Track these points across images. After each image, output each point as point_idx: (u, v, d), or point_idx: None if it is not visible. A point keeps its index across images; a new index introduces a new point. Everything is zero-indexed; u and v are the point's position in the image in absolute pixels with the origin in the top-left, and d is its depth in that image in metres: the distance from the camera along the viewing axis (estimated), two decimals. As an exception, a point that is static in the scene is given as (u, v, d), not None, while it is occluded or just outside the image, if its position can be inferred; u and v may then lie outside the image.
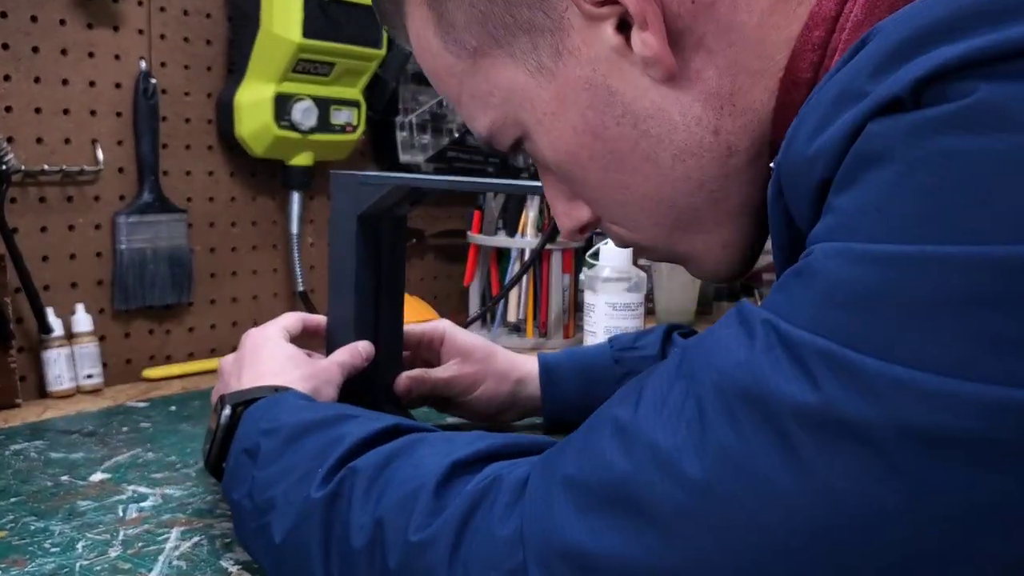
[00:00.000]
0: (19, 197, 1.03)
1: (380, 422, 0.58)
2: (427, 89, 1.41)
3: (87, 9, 1.06)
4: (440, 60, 0.57)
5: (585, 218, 0.60)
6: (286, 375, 0.72)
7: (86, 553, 0.64)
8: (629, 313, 1.13)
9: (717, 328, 0.43)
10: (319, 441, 0.57)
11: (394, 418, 0.59)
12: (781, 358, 0.38)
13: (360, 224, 0.81)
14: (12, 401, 1.00)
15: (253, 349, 0.77)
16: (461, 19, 0.54)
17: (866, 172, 0.38)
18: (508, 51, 0.53)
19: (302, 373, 0.74)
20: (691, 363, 0.42)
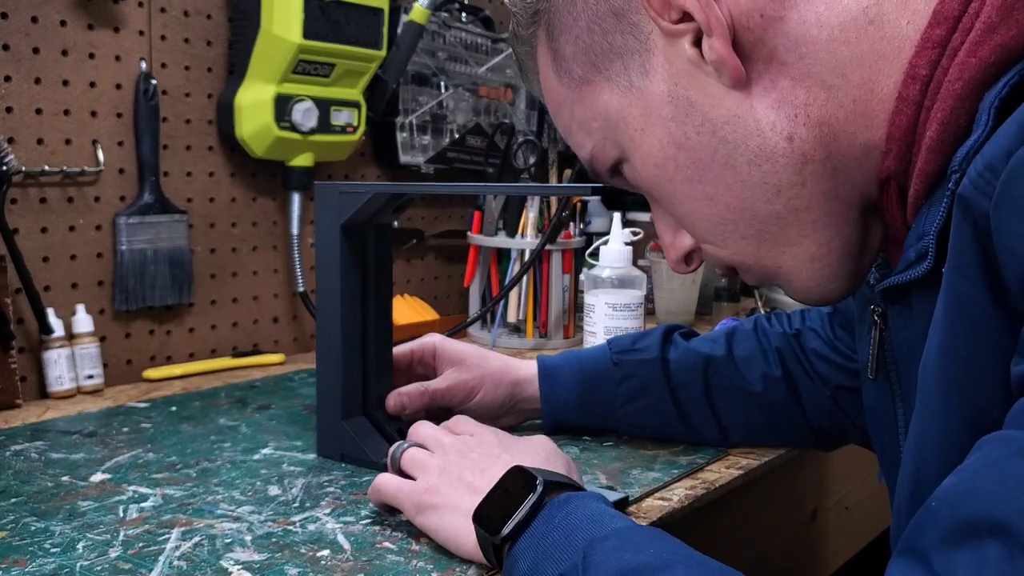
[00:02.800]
0: (20, 198, 1.03)
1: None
2: (427, 90, 1.41)
3: (87, 10, 1.07)
4: (556, 94, 0.63)
5: (688, 245, 0.63)
6: (557, 459, 0.68)
7: (86, 553, 0.64)
8: (629, 313, 1.13)
9: None
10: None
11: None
12: None
13: (344, 233, 0.82)
14: (13, 402, 1.00)
15: (496, 430, 0.72)
16: (570, 51, 0.60)
17: None
18: (605, 76, 0.59)
19: (560, 452, 0.70)
20: None
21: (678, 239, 0.64)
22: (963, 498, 0.39)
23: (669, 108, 0.57)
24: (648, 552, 0.52)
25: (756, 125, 0.54)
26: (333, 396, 0.85)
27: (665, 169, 0.58)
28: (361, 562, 0.64)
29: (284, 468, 0.83)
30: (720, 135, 0.55)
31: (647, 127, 0.58)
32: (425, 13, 1.29)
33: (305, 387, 1.11)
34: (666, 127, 0.57)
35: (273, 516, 0.72)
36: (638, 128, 0.59)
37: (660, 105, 0.57)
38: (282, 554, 0.65)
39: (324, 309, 0.85)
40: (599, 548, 0.53)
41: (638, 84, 0.58)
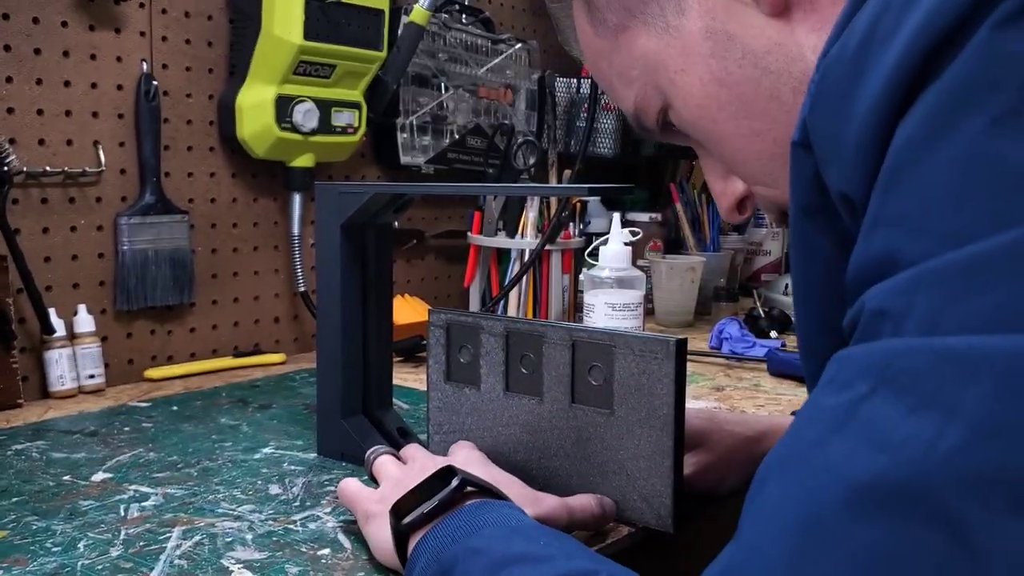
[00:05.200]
0: (21, 198, 1.03)
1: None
2: (427, 91, 1.41)
3: (89, 11, 1.07)
4: (593, 47, 0.62)
5: (739, 190, 0.61)
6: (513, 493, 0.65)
7: (88, 552, 0.65)
8: (629, 313, 1.13)
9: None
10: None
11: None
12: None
13: (344, 233, 0.82)
14: (14, 401, 1.00)
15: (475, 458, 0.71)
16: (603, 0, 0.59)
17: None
18: (641, 19, 0.57)
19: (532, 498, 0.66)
20: None
21: (729, 186, 0.61)
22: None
23: (708, 44, 0.54)
24: (538, 543, 0.52)
25: (799, 50, 0.51)
26: (333, 395, 0.85)
27: (709, 109, 0.56)
28: (362, 561, 0.64)
29: (285, 467, 0.83)
30: (762, 66, 0.53)
31: (687, 67, 0.56)
32: (425, 14, 1.30)
33: (306, 387, 1.11)
34: (706, 64, 0.55)
35: (274, 515, 0.72)
36: (678, 69, 0.56)
37: (698, 42, 0.55)
38: (283, 553, 0.65)
39: (324, 309, 0.85)
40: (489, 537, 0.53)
41: (674, 23, 0.55)
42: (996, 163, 0.33)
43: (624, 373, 0.69)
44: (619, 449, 0.70)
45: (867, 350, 0.36)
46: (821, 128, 0.41)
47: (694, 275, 1.53)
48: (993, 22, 0.33)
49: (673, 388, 0.67)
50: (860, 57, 0.39)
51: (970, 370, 0.32)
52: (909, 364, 0.34)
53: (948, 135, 0.34)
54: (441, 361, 0.80)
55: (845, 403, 0.35)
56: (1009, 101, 0.33)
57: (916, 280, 0.35)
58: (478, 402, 0.78)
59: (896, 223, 0.36)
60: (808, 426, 0.37)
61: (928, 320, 0.34)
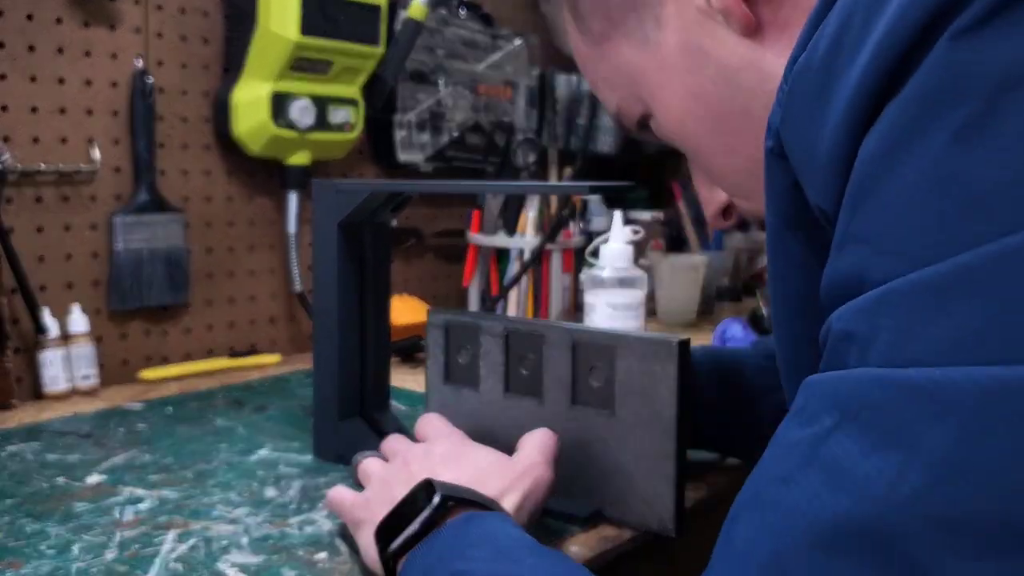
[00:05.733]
0: (15, 197, 1.02)
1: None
2: (426, 87, 1.40)
3: (83, 7, 1.06)
4: (580, 51, 0.63)
5: (723, 199, 0.62)
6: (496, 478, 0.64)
7: (82, 555, 0.64)
8: (630, 313, 1.12)
9: None
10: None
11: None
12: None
13: (341, 232, 0.81)
14: (8, 402, 0.99)
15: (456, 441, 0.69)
16: (587, 8, 0.60)
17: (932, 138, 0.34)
18: (622, 31, 0.58)
19: (511, 477, 0.64)
20: None
21: (714, 194, 0.63)
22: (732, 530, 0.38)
23: (683, 59, 0.56)
24: (524, 564, 0.51)
25: (771, 69, 0.52)
26: (330, 397, 0.84)
27: (686, 123, 0.57)
28: (358, 564, 0.63)
29: (281, 469, 0.82)
30: (735, 83, 0.54)
31: (665, 80, 0.57)
32: (424, 10, 1.28)
33: (302, 388, 1.10)
34: (682, 79, 0.56)
35: (270, 518, 0.71)
36: (657, 82, 0.58)
37: (675, 57, 0.56)
38: (279, 556, 0.64)
39: (321, 309, 0.84)
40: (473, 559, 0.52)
41: (653, 37, 0.57)
42: (957, 181, 0.32)
43: (626, 374, 0.68)
44: (620, 451, 0.70)
45: (833, 380, 0.35)
46: (794, 140, 0.41)
47: (696, 274, 1.52)
48: (952, 33, 0.33)
49: (676, 389, 0.66)
50: (826, 68, 0.38)
51: (931, 408, 0.31)
52: (872, 399, 0.33)
53: (910, 150, 0.34)
54: (440, 362, 0.79)
55: (810, 438, 0.35)
56: (968, 115, 0.32)
57: (880, 301, 0.34)
58: (477, 403, 0.77)
59: (862, 241, 0.35)
60: (775, 461, 0.37)
61: (891, 348, 0.33)
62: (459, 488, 0.59)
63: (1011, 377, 0.30)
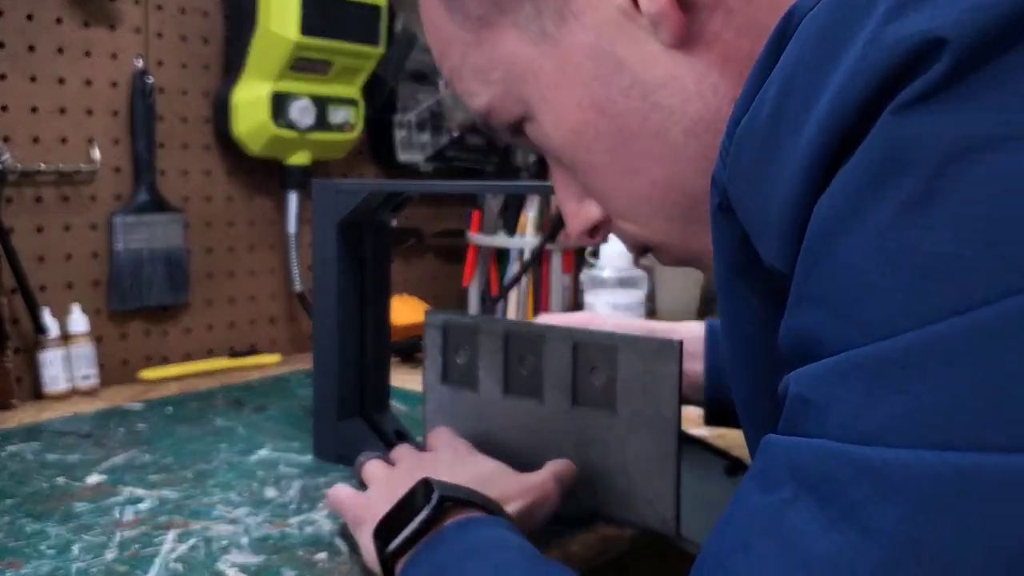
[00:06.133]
0: (15, 197, 1.02)
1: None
2: (426, 88, 1.40)
3: (83, 7, 1.06)
4: (444, 31, 0.53)
5: (595, 217, 0.55)
6: (501, 485, 0.64)
7: (82, 555, 0.64)
8: (630, 313, 1.12)
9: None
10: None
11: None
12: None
13: (341, 232, 0.81)
14: (8, 402, 0.99)
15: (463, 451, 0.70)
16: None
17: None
18: (512, 19, 0.49)
19: (517, 487, 0.64)
20: None
21: (584, 208, 0.55)
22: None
23: (591, 65, 0.48)
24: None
25: (697, 88, 0.46)
26: (330, 397, 0.84)
27: (582, 136, 0.50)
28: (359, 565, 0.63)
29: (281, 469, 0.82)
30: (652, 100, 0.47)
31: (563, 85, 0.49)
32: (423, 11, 1.28)
33: (302, 388, 1.10)
34: (586, 86, 0.48)
35: (270, 518, 0.71)
36: (551, 85, 0.49)
37: (580, 60, 0.48)
38: (279, 556, 0.64)
39: (321, 309, 0.84)
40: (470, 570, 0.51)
41: (552, 33, 0.48)
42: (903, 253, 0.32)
43: (627, 374, 0.68)
44: (621, 451, 0.69)
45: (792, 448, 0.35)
46: (742, 200, 0.40)
47: (697, 274, 1.52)
48: (894, 108, 0.33)
49: (677, 389, 0.67)
50: (771, 135, 0.37)
51: (884, 489, 0.32)
52: (830, 472, 0.33)
53: (858, 219, 0.34)
54: (437, 363, 0.79)
55: (772, 506, 0.35)
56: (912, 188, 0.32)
57: (835, 371, 0.34)
58: (476, 404, 0.77)
59: (816, 303, 0.35)
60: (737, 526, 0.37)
61: (847, 421, 0.33)
62: (458, 488, 0.58)
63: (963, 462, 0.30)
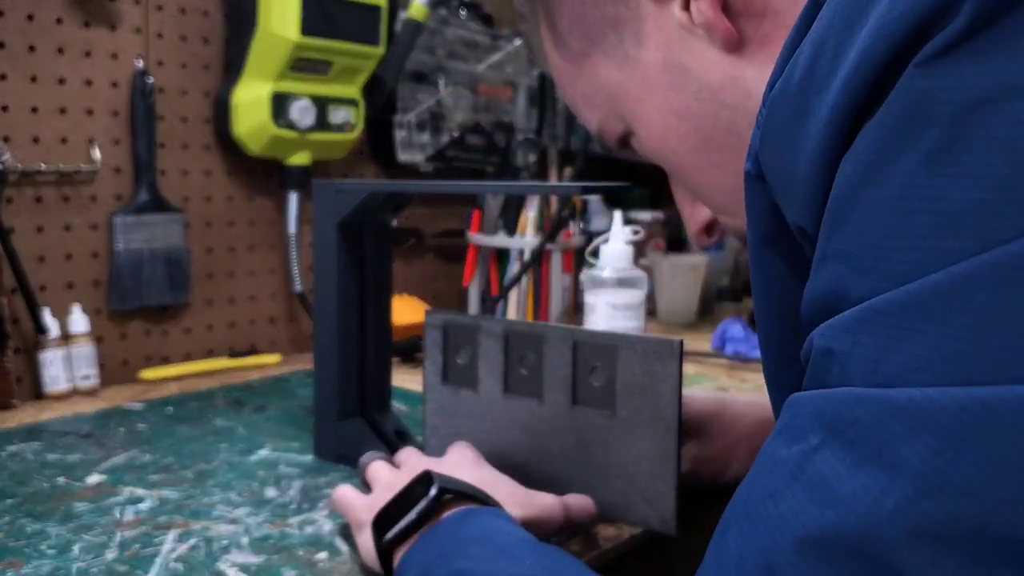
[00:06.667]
0: (15, 197, 1.02)
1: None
2: (426, 87, 1.40)
3: (84, 8, 1.06)
4: (559, 68, 0.62)
5: (705, 216, 0.61)
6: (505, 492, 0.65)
7: (82, 555, 0.64)
8: (630, 314, 1.12)
9: None
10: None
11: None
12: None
13: (341, 231, 0.82)
14: (8, 402, 0.99)
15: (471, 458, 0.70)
16: (564, 24, 0.59)
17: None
18: (601, 49, 0.57)
19: (520, 498, 0.65)
20: None
21: (696, 211, 0.62)
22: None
23: (665, 77, 0.55)
24: (524, 563, 0.51)
25: (754, 85, 0.51)
26: (330, 397, 0.84)
27: (668, 140, 0.56)
28: (359, 565, 0.63)
29: (281, 469, 0.82)
30: (719, 100, 0.53)
31: (646, 98, 0.56)
32: (424, 10, 1.28)
33: (302, 388, 1.10)
34: (665, 96, 0.55)
35: (270, 518, 0.71)
36: (638, 100, 0.57)
37: (656, 74, 0.55)
38: (279, 556, 0.64)
39: (321, 309, 0.84)
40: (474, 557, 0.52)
41: (633, 55, 0.56)
42: (928, 201, 0.33)
43: (627, 374, 0.69)
44: (621, 451, 0.70)
45: (817, 398, 0.36)
46: (772, 163, 0.41)
47: (697, 275, 1.52)
48: (918, 61, 0.34)
49: (677, 389, 0.67)
50: (801, 94, 0.39)
51: (910, 425, 0.32)
52: (854, 416, 0.34)
53: (883, 172, 0.35)
54: (438, 362, 0.79)
55: (796, 456, 0.36)
56: (936, 138, 0.33)
57: (860, 319, 0.35)
58: (476, 404, 0.77)
59: (841, 259, 0.36)
60: (763, 478, 0.38)
61: (871, 366, 0.34)
62: (458, 482, 0.59)
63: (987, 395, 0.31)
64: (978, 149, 0.32)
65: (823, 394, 0.36)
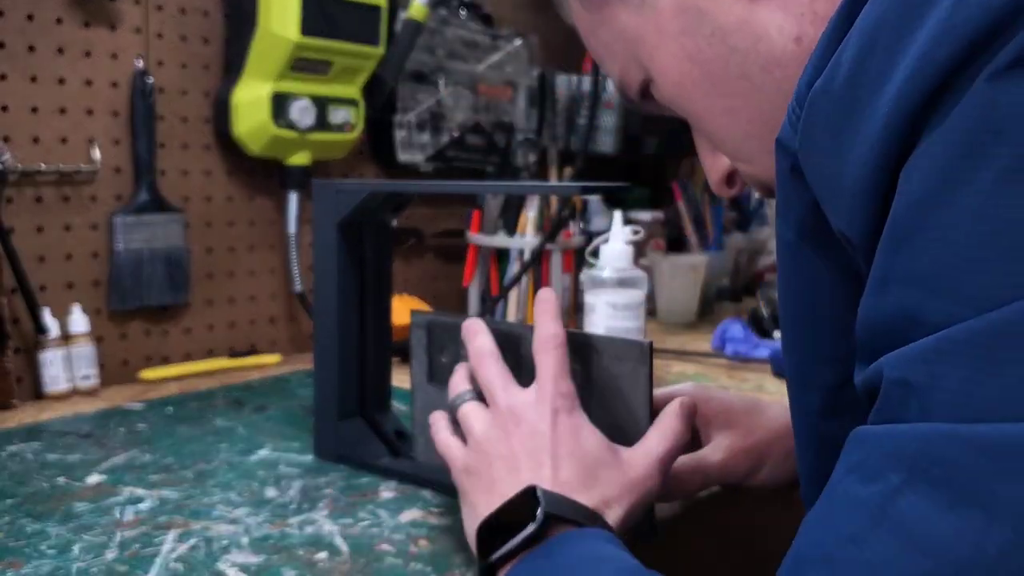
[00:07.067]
0: (15, 197, 1.02)
1: None
2: (426, 88, 1.40)
3: (84, 8, 1.06)
4: (581, 19, 0.62)
5: (725, 165, 0.60)
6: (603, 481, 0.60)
7: (82, 555, 0.64)
8: (630, 314, 1.12)
9: None
10: None
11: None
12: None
13: (340, 231, 0.82)
14: (8, 402, 0.99)
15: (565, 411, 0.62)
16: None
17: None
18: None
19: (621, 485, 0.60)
20: None
21: (716, 160, 0.61)
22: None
23: (679, 21, 0.55)
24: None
25: (763, 29, 0.51)
26: (330, 397, 0.84)
27: (684, 87, 0.56)
28: (359, 564, 0.63)
29: (281, 469, 0.82)
30: (731, 44, 0.53)
31: (661, 44, 0.56)
32: (424, 10, 1.28)
33: (302, 388, 1.10)
34: (679, 42, 0.55)
35: (270, 518, 0.71)
36: (654, 46, 0.56)
37: (671, 19, 0.55)
38: (279, 556, 0.64)
39: (321, 309, 0.84)
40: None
41: (649, 0, 0.56)
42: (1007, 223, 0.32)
43: (599, 376, 0.68)
44: None
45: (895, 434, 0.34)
46: (815, 165, 0.40)
47: (697, 275, 1.52)
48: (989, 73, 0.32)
49: (647, 391, 0.65)
50: (849, 96, 0.37)
51: (1007, 465, 0.31)
52: (942, 455, 0.32)
53: (956, 190, 0.33)
54: (423, 362, 0.79)
55: (878, 496, 0.34)
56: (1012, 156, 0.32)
57: (939, 350, 0.33)
58: None
59: (911, 282, 0.35)
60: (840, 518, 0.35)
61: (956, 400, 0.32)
62: (563, 504, 0.56)
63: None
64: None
65: (901, 429, 0.34)
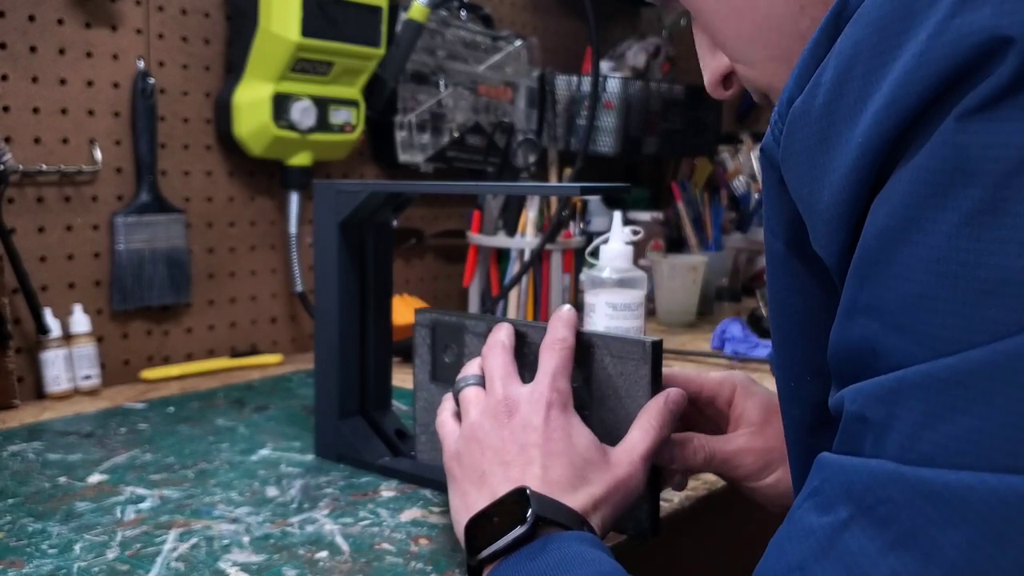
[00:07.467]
0: (17, 197, 1.02)
1: None
2: (426, 88, 1.41)
3: (85, 8, 1.06)
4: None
5: (724, 64, 0.58)
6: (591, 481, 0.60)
7: (84, 554, 0.64)
8: (630, 313, 1.12)
9: None
10: None
11: None
12: None
13: (341, 232, 0.82)
14: (9, 402, 0.99)
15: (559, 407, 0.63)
16: None
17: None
18: None
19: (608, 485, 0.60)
20: None
21: (715, 59, 0.59)
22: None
23: None
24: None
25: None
26: (331, 397, 0.84)
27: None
28: (360, 563, 0.64)
29: (282, 469, 0.82)
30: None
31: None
32: (424, 11, 1.29)
33: (303, 388, 1.11)
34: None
35: (271, 517, 0.71)
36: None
37: None
38: (280, 555, 0.65)
39: (322, 309, 0.84)
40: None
41: None
42: (968, 266, 0.32)
43: (602, 374, 0.68)
44: None
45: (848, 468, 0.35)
46: (795, 182, 0.40)
47: (696, 275, 1.52)
48: (959, 113, 0.32)
49: (649, 391, 0.65)
50: (826, 119, 0.38)
51: (946, 513, 0.31)
52: (888, 495, 0.33)
53: (922, 227, 0.33)
54: (427, 361, 0.79)
55: (827, 528, 0.35)
56: (979, 199, 0.32)
57: (895, 390, 0.34)
58: None
59: (873, 314, 0.35)
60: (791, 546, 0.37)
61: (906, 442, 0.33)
62: (551, 507, 0.56)
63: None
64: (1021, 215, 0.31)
65: (854, 464, 0.35)
